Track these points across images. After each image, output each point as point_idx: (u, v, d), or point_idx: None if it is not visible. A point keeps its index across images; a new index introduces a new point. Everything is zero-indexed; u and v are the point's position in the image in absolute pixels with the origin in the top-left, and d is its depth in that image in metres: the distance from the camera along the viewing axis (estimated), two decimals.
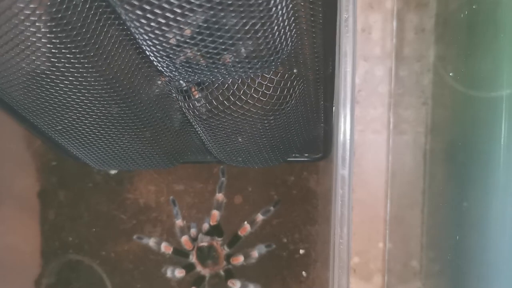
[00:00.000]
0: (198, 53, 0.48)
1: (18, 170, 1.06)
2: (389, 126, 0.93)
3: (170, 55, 0.48)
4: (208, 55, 0.48)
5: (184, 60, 0.48)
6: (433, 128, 0.89)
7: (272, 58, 0.51)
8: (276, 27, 0.46)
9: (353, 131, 0.92)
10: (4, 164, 1.00)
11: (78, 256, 1.06)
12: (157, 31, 0.43)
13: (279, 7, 0.44)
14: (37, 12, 0.38)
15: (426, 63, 0.90)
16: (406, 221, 0.92)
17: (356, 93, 0.92)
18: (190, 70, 0.51)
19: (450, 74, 0.83)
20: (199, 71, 0.51)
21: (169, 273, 0.99)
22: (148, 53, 0.50)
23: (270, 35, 0.47)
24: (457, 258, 0.78)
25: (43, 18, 0.39)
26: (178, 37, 0.44)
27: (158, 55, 0.48)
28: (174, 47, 0.46)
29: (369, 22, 0.91)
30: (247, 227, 0.97)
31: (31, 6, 0.37)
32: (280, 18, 0.46)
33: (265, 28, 0.45)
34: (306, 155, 0.95)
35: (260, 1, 0.41)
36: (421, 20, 0.89)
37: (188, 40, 0.45)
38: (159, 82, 0.64)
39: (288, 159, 0.93)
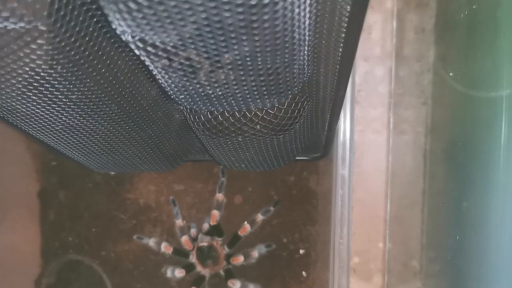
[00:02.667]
0: (229, 93, 0.47)
1: (18, 170, 1.06)
2: (389, 126, 0.93)
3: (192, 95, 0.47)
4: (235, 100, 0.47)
5: (205, 96, 0.48)
6: (433, 128, 0.89)
7: (289, 92, 0.51)
8: (296, 67, 0.46)
9: (353, 131, 0.92)
10: (4, 164, 1.00)
11: (78, 256, 1.06)
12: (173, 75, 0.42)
13: (302, 52, 0.44)
14: (42, 48, 0.38)
15: (426, 63, 0.90)
16: (406, 221, 0.93)
17: (356, 93, 0.92)
18: (208, 102, 0.50)
19: (450, 74, 0.83)
20: (216, 102, 0.51)
21: (169, 273, 0.99)
22: (162, 85, 0.49)
23: (290, 74, 0.46)
24: (457, 258, 0.78)
25: (48, 53, 0.40)
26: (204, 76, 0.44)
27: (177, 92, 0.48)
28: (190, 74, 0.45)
29: (369, 22, 0.91)
30: (247, 227, 0.97)
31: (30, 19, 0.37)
32: (301, 58, 0.45)
33: (287, 70, 0.44)
34: (304, 154, 0.95)
35: (286, 51, 0.40)
36: (421, 20, 0.89)
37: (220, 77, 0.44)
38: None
39: None
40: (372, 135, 0.93)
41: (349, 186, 0.91)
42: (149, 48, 0.39)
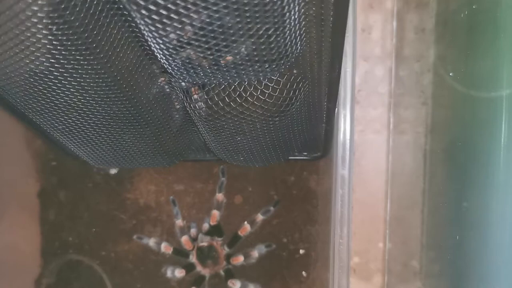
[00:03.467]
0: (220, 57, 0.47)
1: (18, 170, 1.06)
2: (389, 126, 0.93)
3: (182, 62, 0.47)
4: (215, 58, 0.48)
5: (196, 63, 0.48)
6: (433, 128, 0.89)
7: (282, 61, 0.51)
8: (288, 32, 0.46)
9: (353, 131, 0.92)
10: (4, 164, 1.00)
11: (78, 256, 1.06)
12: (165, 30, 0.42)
13: (292, 12, 0.44)
14: (42, 9, 0.38)
15: (426, 63, 0.90)
16: (406, 221, 0.93)
17: (356, 93, 0.92)
18: (199, 71, 0.50)
19: (450, 74, 0.83)
20: (209, 73, 0.51)
21: (169, 273, 0.99)
22: (160, 58, 0.49)
23: (282, 40, 0.46)
24: (457, 258, 0.78)
25: (48, 15, 0.39)
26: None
27: (171, 58, 0.48)
28: (178, 47, 0.45)
29: (369, 22, 0.91)
30: (247, 227, 0.97)
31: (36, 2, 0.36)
32: (293, 23, 0.46)
33: (277, 33, 0.44)
34: (305, 153, 0.95)
35: (275, 8, 0.41)
36: (421, 20, 0.89)
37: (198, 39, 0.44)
38: (161, 78, 0.64)
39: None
40: (372, 135, 0.93)
41: (349, 186, 0.91)
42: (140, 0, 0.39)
